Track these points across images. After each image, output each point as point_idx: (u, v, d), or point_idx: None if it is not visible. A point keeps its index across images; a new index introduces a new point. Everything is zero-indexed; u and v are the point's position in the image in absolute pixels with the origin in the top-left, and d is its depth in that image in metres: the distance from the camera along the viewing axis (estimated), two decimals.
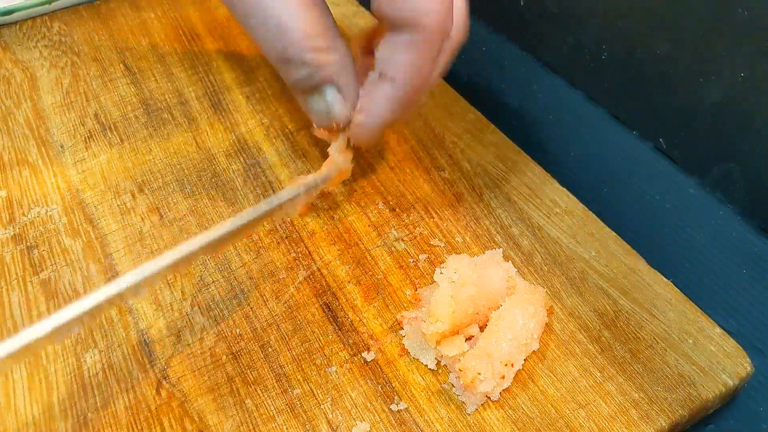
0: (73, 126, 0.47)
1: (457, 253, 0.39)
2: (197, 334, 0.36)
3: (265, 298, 0.38)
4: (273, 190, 0.43)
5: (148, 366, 0.35)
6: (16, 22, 0.55)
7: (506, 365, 0.34)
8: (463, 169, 0.44)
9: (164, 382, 0.34)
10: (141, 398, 0.34)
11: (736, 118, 0.43)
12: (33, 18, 0.55)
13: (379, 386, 0.34)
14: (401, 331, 0.36)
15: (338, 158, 0.39)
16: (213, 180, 0.43)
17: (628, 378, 0.35)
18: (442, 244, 0.40)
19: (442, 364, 0.35)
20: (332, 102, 0.37)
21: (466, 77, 0.56)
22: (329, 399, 0.34)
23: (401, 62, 0.36)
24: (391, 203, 0.42)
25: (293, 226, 0.41)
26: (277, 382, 0.35)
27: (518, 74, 0.56)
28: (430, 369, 0.35)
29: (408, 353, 0.35)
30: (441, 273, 0.36)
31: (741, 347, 0.36)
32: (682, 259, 0.44)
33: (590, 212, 0.41)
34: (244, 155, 0.45)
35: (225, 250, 0.40)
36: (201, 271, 0.39)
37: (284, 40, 0.35)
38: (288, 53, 0.36)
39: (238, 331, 0.36)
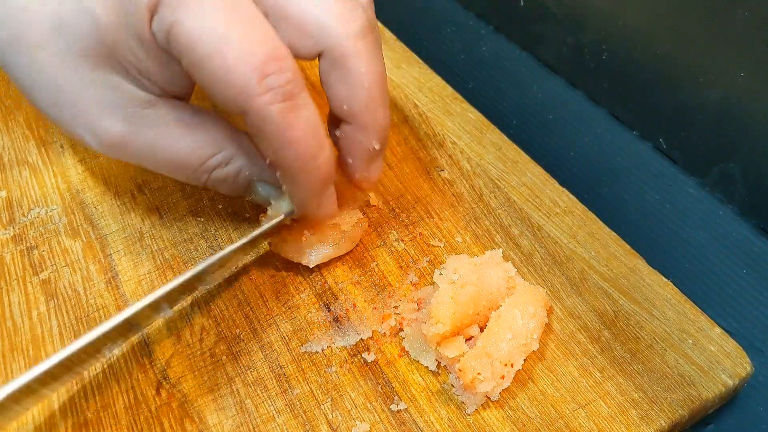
0: None
1: (456, 254, 0.39)
2: (197, 335, 0.36)
3: (264, 298, 0.38)
4: None
5: (148, 366, 0.35)
6: None
7: (506, 365, 0.33)
8: (463, 169, 0.44)
9: (164, 383, 0.34)
10: (141, 398, 0.34)
11: (736, 118, 0.43)
12: None
13: (379, 386, 0.34)
14: (401, 333, 0.36)
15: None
16: None
17: (627, 378, 0.35)
18: (442, 244, 0.40)
19: (442, 364, 0.35)
20: (267, 194, 0.38)
21: (467, 77, 0.56)
22: (329, 399, 0.34)
23: (292, 194, 0.36)
24: (391, 203, 0.42)
25: None
26: (276, 382, 0.35)
27: (518, 74, 0.56)
28: (430, 370, 0.35)
29: (408, 353, 0.35)
30: (440, 274, 0.36)
31: (741, 347, 0.36)
32: (682, 259, 0.44)
33: (590, 212, 0.41)
34: None
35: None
36: None
37: (187, 171, 0.36)
38: (201, 180, 0.36)
39: (238, 331, 0.36)
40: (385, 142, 0.36)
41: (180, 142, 0.35)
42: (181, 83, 0.35)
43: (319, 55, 0.34)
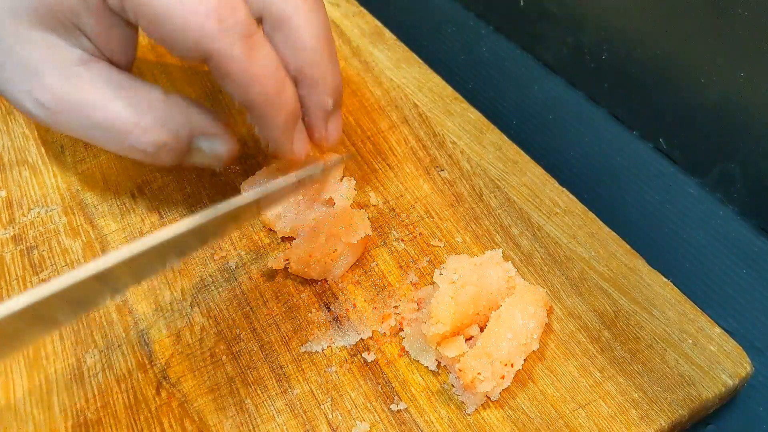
0: None
1: (456, 253, 0.39)
2: (197, 335, 0.36)
3: (264, 298, 0.38)
4: None
5: (148, 366, 0.35)
6: None
7: (506, 365, 0.33)
8: (463, 169, 0.44)
9: (164, 383, 0.34)
10: (141, 398, 0.34)
11: (736, 118, 0.43)
12: None
13: (379, 386, 0.34)
14: (401, 333, 0.36)
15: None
16: (213, 180, 0.43)
17: (627, 378, 0.35)
18: (442, 244, 0.40)
19: (442, 364, 0.35)
20: (212, 149, 0.37)
21: (467, 77, 0.56)
22: (329, 399, 0.34)
23: (266, 134, 0.36)
24: (391, 203, 0.42)
25: None
26: (277, 382, 0.35)
27: (518, 74, 0.56)
28: (430, 369, 0.35)
29: (408, 353, 0.35)
30: (441, 274, 0.36)
31: (741, 347, 0.36)
32: (682, 259, 0.44)
33: (590, 212, 0.41)
34: (246, 155, 0.45)
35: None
36: (201, 271, 0.39)
37: (122, 135, 0.35)
38: (140, 144, 0.36)
39: (238, 331, 0.36)
40: (338, 98, 0.37)
41: (113, 102, 0.35)
42: (119, 46, 0.36)
43: (261, 20, 0.35)
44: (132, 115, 0.35)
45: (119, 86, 0.36)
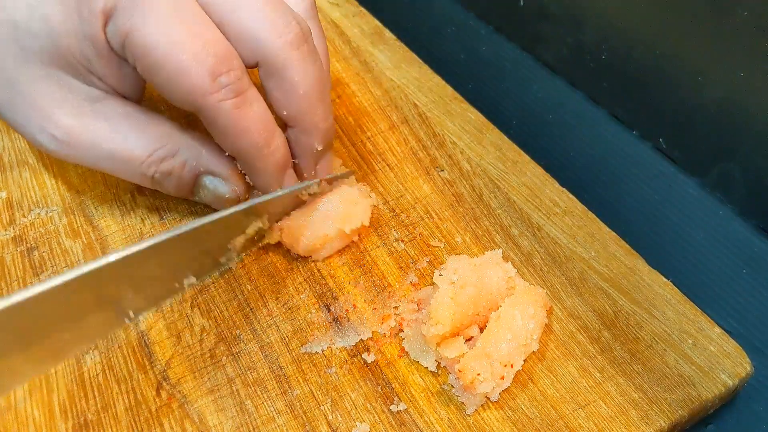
0: None
1: (456, 254, 0.39)
2: (197, 336, 0.36)
3: (265, 299, 0.38)
4: None
5: (148, 367, 0.35)
6: None
7: (506, 366, 0.34)
8: (463, 169, 0.44)
9: (164, 384, 0.35)
10: (141, 399, 0.34)
11: (736, 118, 0.43)
12: None
13: (379, 387, 0.34)
14: (401, 333, 0.36)
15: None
16: None
17: (627, 378, 0.35)
18: (442, 245, 0.40)
19: (441, 365, 0.35)
20: (214, 188, 0.39)
21: (467, 77, 0.56)
22: (329, 400, 0.34)
23: (254, 182, 0.38)
24: (391, 203, 0.42)
25: None
26: (277, 383, 0.35)
27: (518, 74, 0.56)
28: (430, 370, 0.35)
29: (408, 354, 0.35)
30: (440, 275, 0.36)
31: (741, 347, 0.36)
32: (682, 259, 0.44)
33: (590, 212, 0.41)
34: None
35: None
36: None
37: (134, 165, 0.37)
38: (149, 173, 0.37)
39: (238, 332, 0.36)
40: (327, 143, 0.39)
41: (127, 135, 0.37)
42: (131, 84, 0.37)
43: (257, 64, 0.36)
44: (145, 146, 0.37)
45: (134, 119, 0.37)
